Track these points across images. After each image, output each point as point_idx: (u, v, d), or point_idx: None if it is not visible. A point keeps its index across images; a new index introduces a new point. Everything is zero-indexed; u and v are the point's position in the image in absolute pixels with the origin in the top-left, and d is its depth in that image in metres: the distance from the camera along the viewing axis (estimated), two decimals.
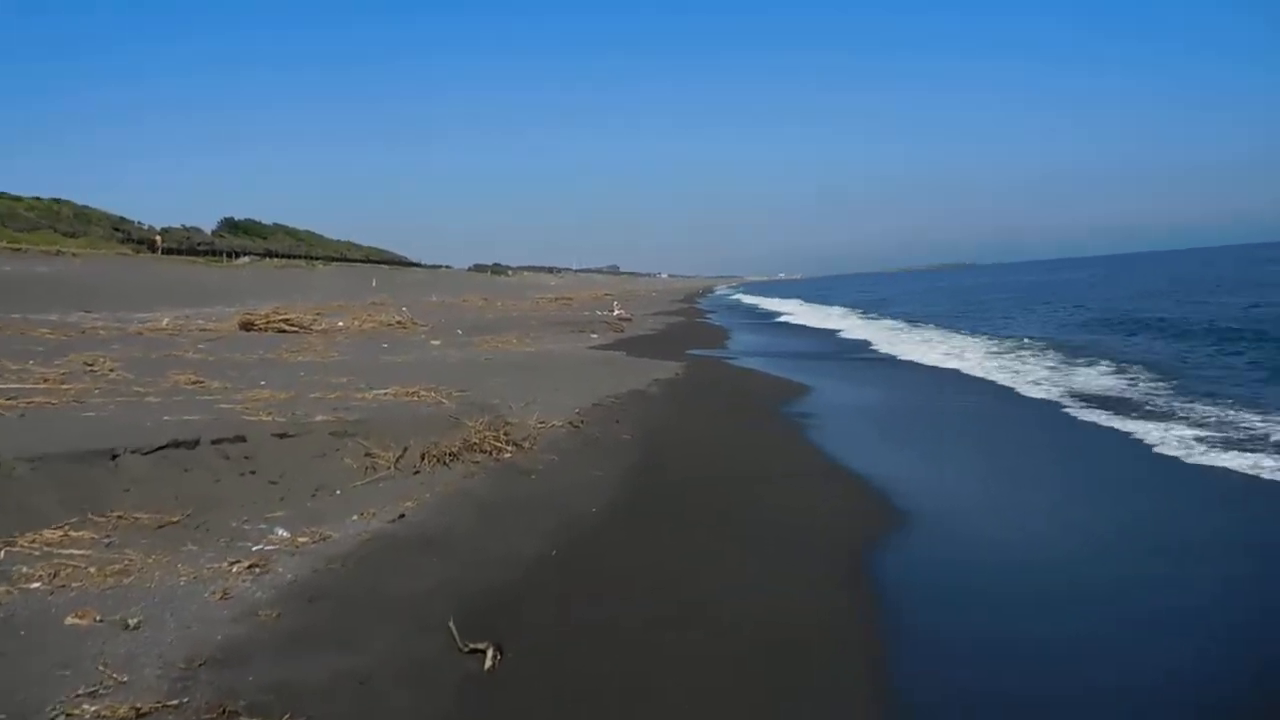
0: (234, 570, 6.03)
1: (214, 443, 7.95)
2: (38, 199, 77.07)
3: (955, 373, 19.30)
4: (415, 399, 10.82)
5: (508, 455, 9.24)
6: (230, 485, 7.60)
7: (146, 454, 7.50)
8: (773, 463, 10.18)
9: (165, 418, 8.56)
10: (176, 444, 7.72)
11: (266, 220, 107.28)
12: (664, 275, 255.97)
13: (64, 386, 10.90)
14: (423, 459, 8.72)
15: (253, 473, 7.83)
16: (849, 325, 38.33)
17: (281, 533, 6.81)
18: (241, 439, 8.13)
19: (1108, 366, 18.28)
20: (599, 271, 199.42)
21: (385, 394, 11.17)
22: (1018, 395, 15.48)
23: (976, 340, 27.12)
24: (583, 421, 11.10)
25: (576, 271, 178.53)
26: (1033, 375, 17.88)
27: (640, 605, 5.88)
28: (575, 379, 15.08)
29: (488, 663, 4.79)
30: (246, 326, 25.06)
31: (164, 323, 27.00)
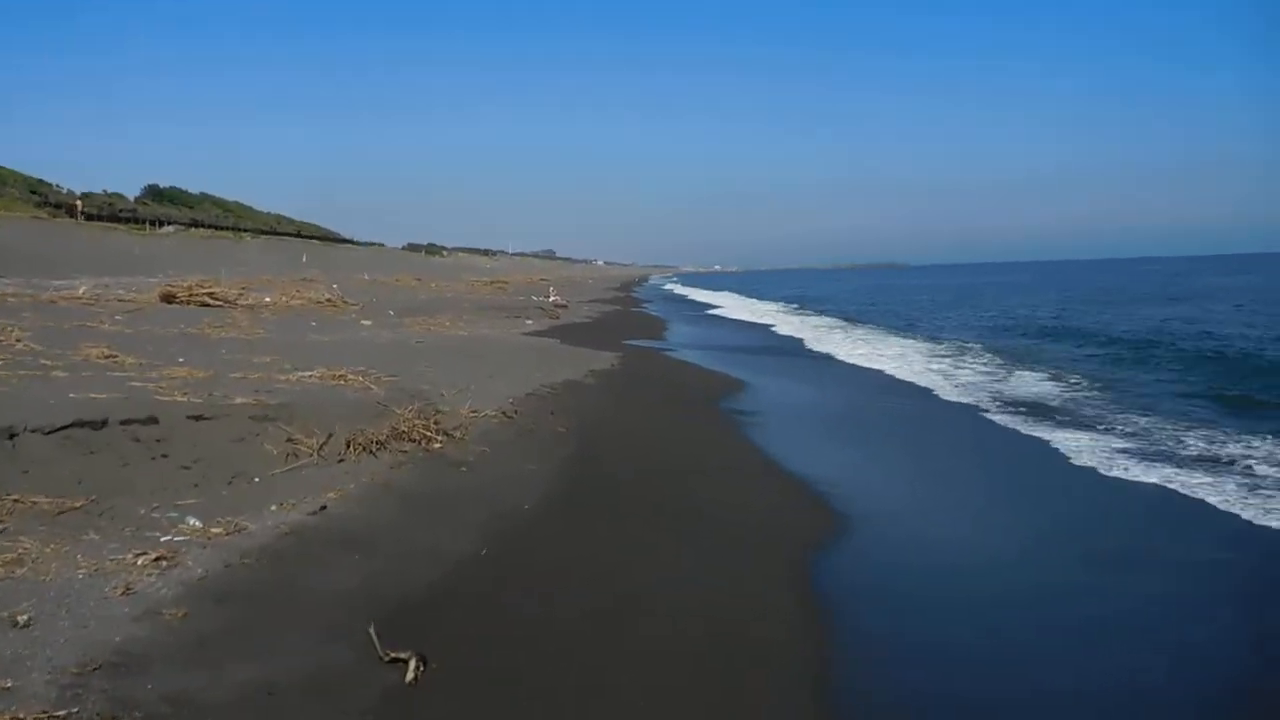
0: (139, 563, 5.63)
1: (123, 423, 7.48)
2: None
3: (888, 374, 19.39)
4: (342, 383, 10.41)
5: (438, 445, 8.91)
6: (140, 470, 7.15)
7: (48, 434, 7.03)
8: (709, 457, 10.08)
9: (72, 395, 8.05)
10: (82, 424, 7.25)
11: (193, 189, 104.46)
12: (600, 262, 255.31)
13: None
14: (348, 447, 8.35)
15: (165, 456, 7.40)
16: (784, 321, 38.53)
17: (193, 522, 6.41)
18: (154, 420, 7.67)
19: (1039, 373, 18.52)
20: (535, 256, 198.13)
21: (311, 376, 10.74)
22: (947, 400, 15.56)
23: (909, 341, 27.41)
24: (516, 411, 10.80)
25: (512, 255, 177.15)
26: (963, 379, 18.04)
27: (575, 603, 5.66)
28: (509, 366, 14.75)
29: (409, 674, 4.50)
30: (168, 299, 24.15)
31: (80, 291, 25.89)
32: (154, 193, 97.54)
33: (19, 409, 7.42)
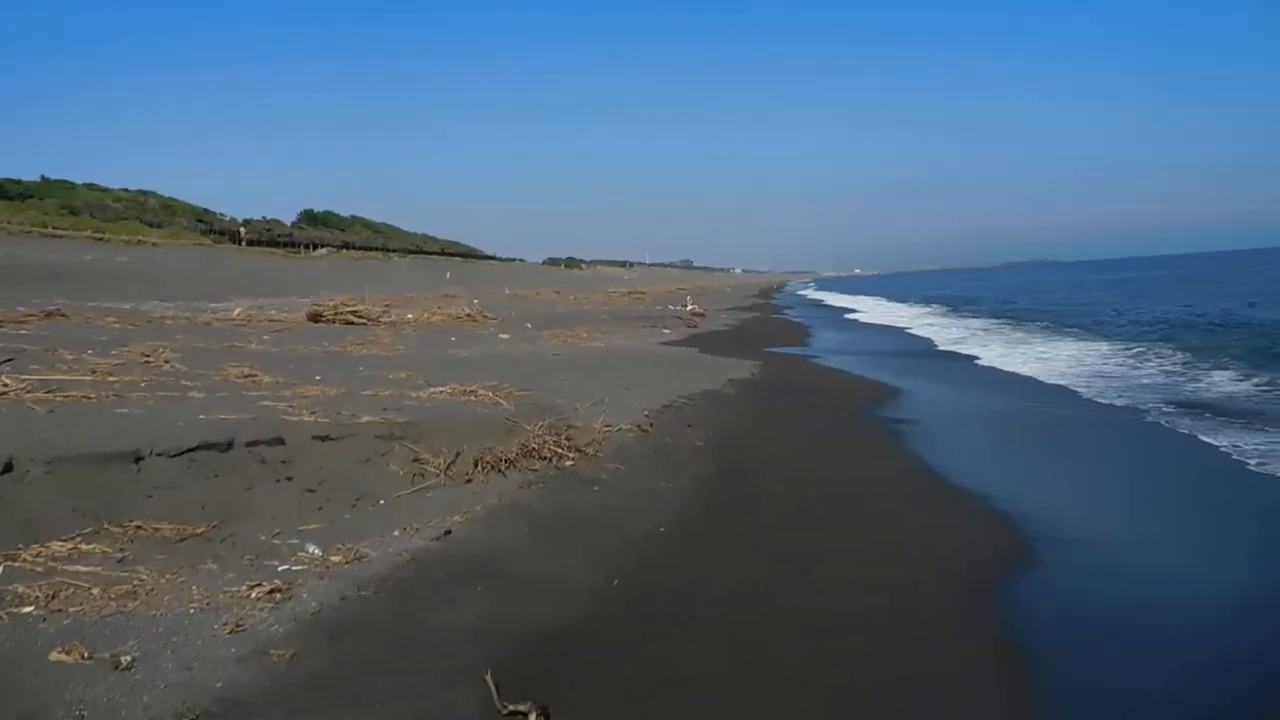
0: (253, 595, 5.31)
1: (249, 445, 7.28)
2: (125, 190, 79.08)
3: (1054, 380, 17.97)
4: (473, 398, 10.07)
5: (569, 463, 8.44)
6: (263, 493, 6.91)
7: (174, 456, 6.86)
8: (863, 471, 9.24)
9: (202, 416, 7.93)
10: (208, 446, 7.07)
11: (345, 213, 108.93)
12: (737, 270, 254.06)
13: (110, 379, 10.40)
14: (476, 466, 7.96)
15: (289, 479, 7.14)
16: (935, 324, 36.81)
17: (313, 550, 6.09)
18: (279, 441, 7.45)
19: (1230, 372, 16.86)
20: (672, 266, 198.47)
21: (442, 392, 10.46)
22: (1127, 405, 14.21)
23: (1076, 342, 25.57)
24: (652, 425, 10.26)
25: (650, 266, 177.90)
26: (1144, 379, 16.57)
27: (713, 646, 5.03)
28: (645, 377, 14.25)
29: None
30: (315, 318, 24.73)
31: (235, 313, 26.88)
32: (309, 217, 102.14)
33: (149, 431, 7.30)
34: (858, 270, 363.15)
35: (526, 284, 67.55)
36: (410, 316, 28.68)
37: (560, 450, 8.55)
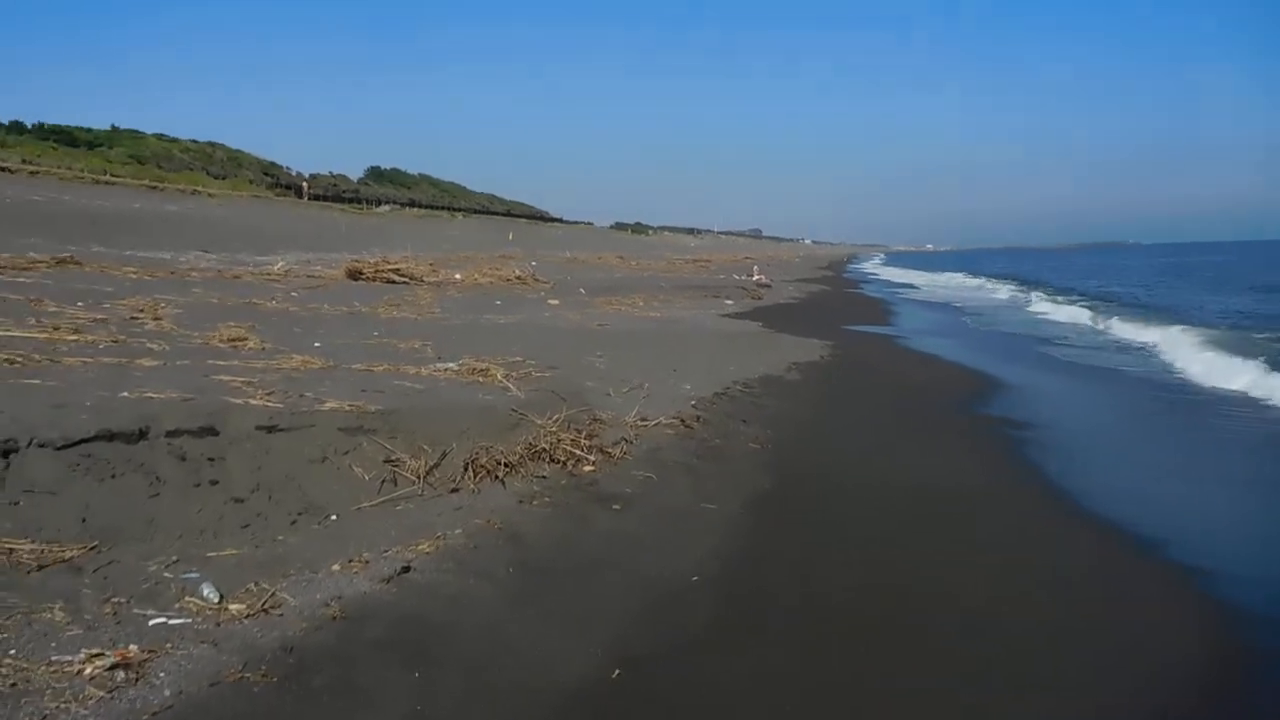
0: (86, 672, 3.65)
1: (169, 435, 5.61)
2: (194, 141, 78.92)
3: (1189, 376, 15.56)
4: (481, 379, 8.33)
5: (588, 468, 6.69)
6: (173, 502, 5.25)
7: (61, 449, 5.22)
8: (974, 498, 7.11)
9: (125, 394, 6.29)
10: (110, 435, 5.42)
11: (412, 170, 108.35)
12: (807, 241, 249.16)
13: (71, 337, 8.88)
14: (466, 471, 6.25)
15: (213, 483, 5.47)
16: (1031, 305, 33.81)
17: (208, 593, 4.41)
18: (211, 431, 5.78)
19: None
20: (740, 235, 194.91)
21: (449, 369, 8.74)
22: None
23: (1191, 329, 22.81)
24: (699, 419, 8.45)
25: (718, 234, 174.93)
26: None
27: None
28: (699, 356, 12.43)
29: None
30: (354, 275, 23.27)
31: (275, 267, 25.60)
32: (375, 174, 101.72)
33: (42, 412, 5.67)
34: (929, 245, 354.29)
35: (590, 248, 65.87)
36: (458, 277, 27.14)
37: (578, 451, 6.80)
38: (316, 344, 10.34)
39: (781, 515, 6.25)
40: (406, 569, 4.86)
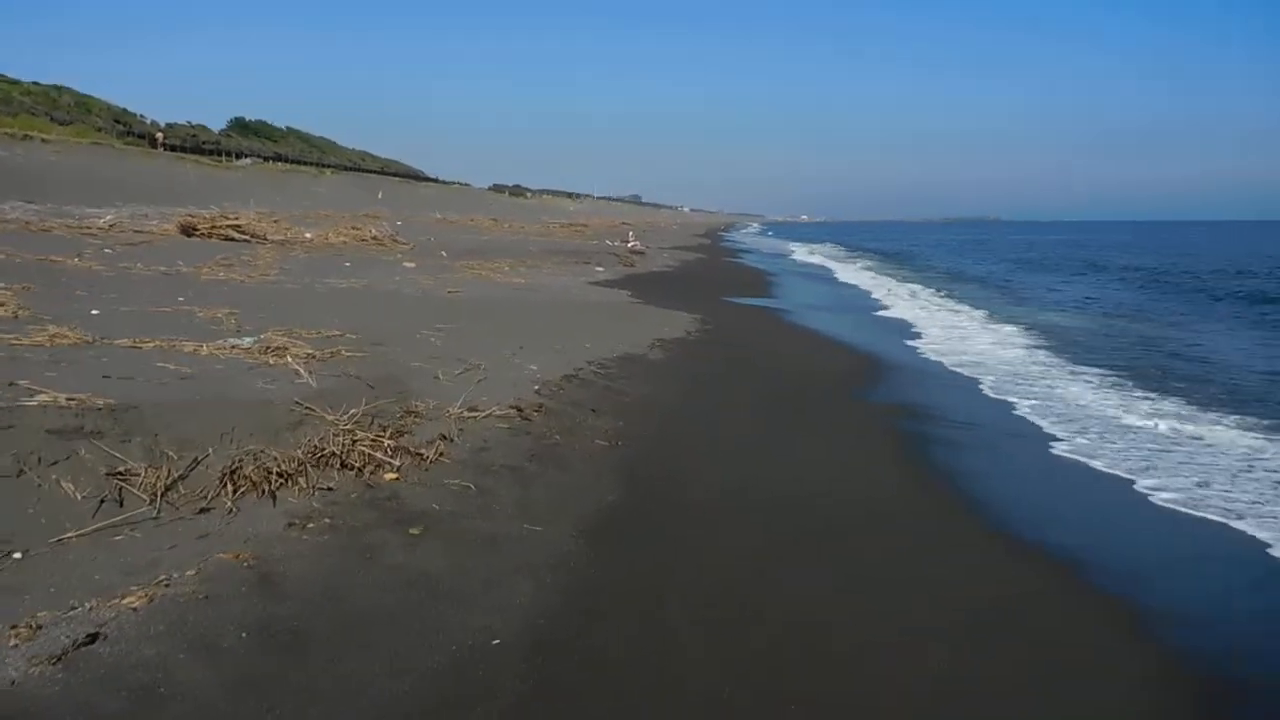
0: None
1: None
2: (36, 84, 72.96)
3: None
4: (274, 360, 6.88)
5: (390, 477, 5.40)
6: None
7: None
8: (858, 509, 6.07)
9: None
10: None
11: (280, 123, 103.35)
12: (686, 209, 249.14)
13: None
14: (223, 483, 4.87)
15: None
16: (906, 291, 33.11)
17: None
18: None
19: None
20: (620, 200, 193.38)
21: (237, 347, 7.27)
22: None
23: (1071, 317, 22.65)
24: (540, 408, 7.23)
25: (597, 199, 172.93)
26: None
27: None
28: (554, 330, 11.20)
29: None
30: (187, 231, 21.17)
31: (103, 220, 23.21)
32: (240, 126, 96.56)
33: None
34: (804, 216, 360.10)
35: (463, 209, 63.73)
36: (309, 236, 25.19)
37: (378, 454, 5.50)
38: (95, 311, 8.73)
39: (625, 540, 5.06)
40: (92, 637, 3.51)
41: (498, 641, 3.81)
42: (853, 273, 35.69)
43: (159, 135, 71.69)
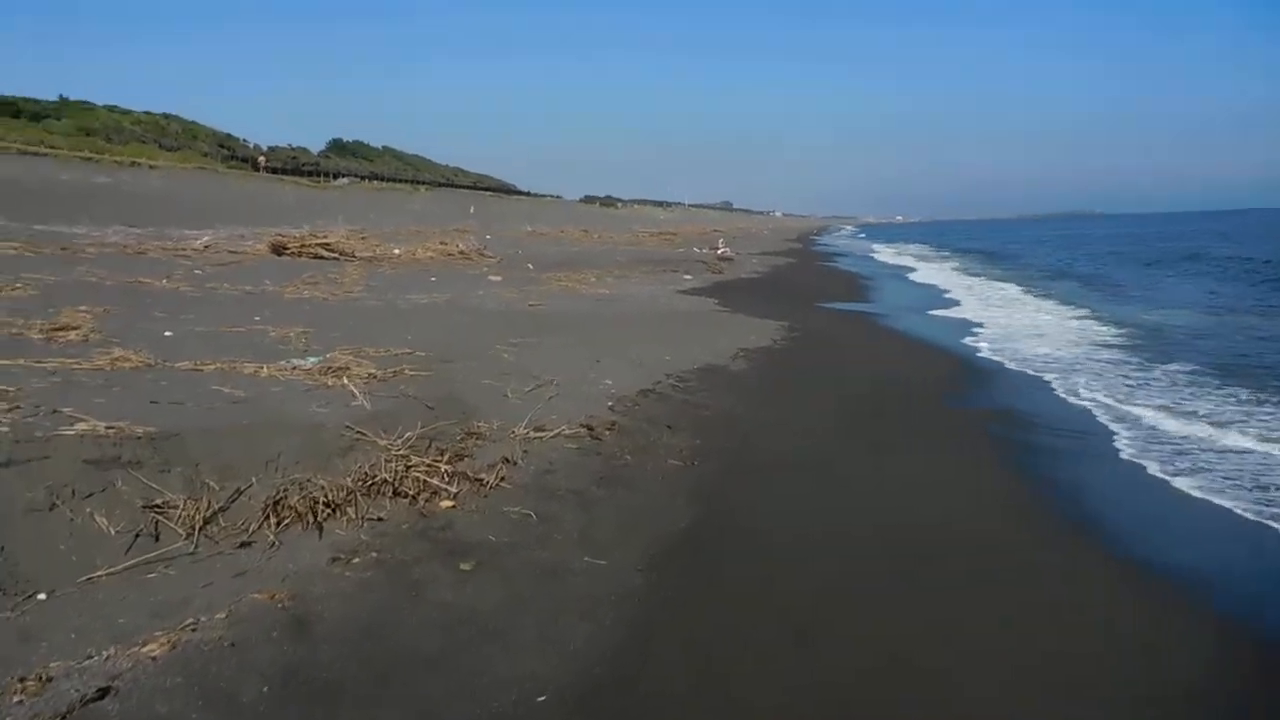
0: None
1: None
2: (148, 113, 75.99)
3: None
4: (331, 383, 6.60)
5: (445, 504, 5.06)
6: None
7: None
8: (973, 541, 5.32)
9: None
10: None
11: (376, 144, 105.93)
12: (778, 213, 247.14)
13: None
14: (266, 514, 4.59)
15: None
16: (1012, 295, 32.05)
17: None
18: None
19: None
20: (711, 207, 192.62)
21: (298, 368, 7.05)
22: None
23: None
24: (612, 425, 6.83)
25: (688, 206, 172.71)
26: None
27: None
28: (636, 341, 10.80)
29: None
30: (278, 250, 21.42)
31: (199, 242, 23.71)
32: (337, 147, 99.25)
33: None
34: (899, 217, 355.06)
35: (554, 221, 63.99)
36: (397, 252, 25.35)
37: (433, 481, 5.16)
38: (168, 333, 8.64)
39: (693, 574, 4.61)
40: (103, 692, 3.22)
41: (543, 698, 3.39)
42: (936, 273, 34.59)
43: (261, 159, 74.03)
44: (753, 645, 3.94)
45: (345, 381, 6.42)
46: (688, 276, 23.96)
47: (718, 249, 35.38)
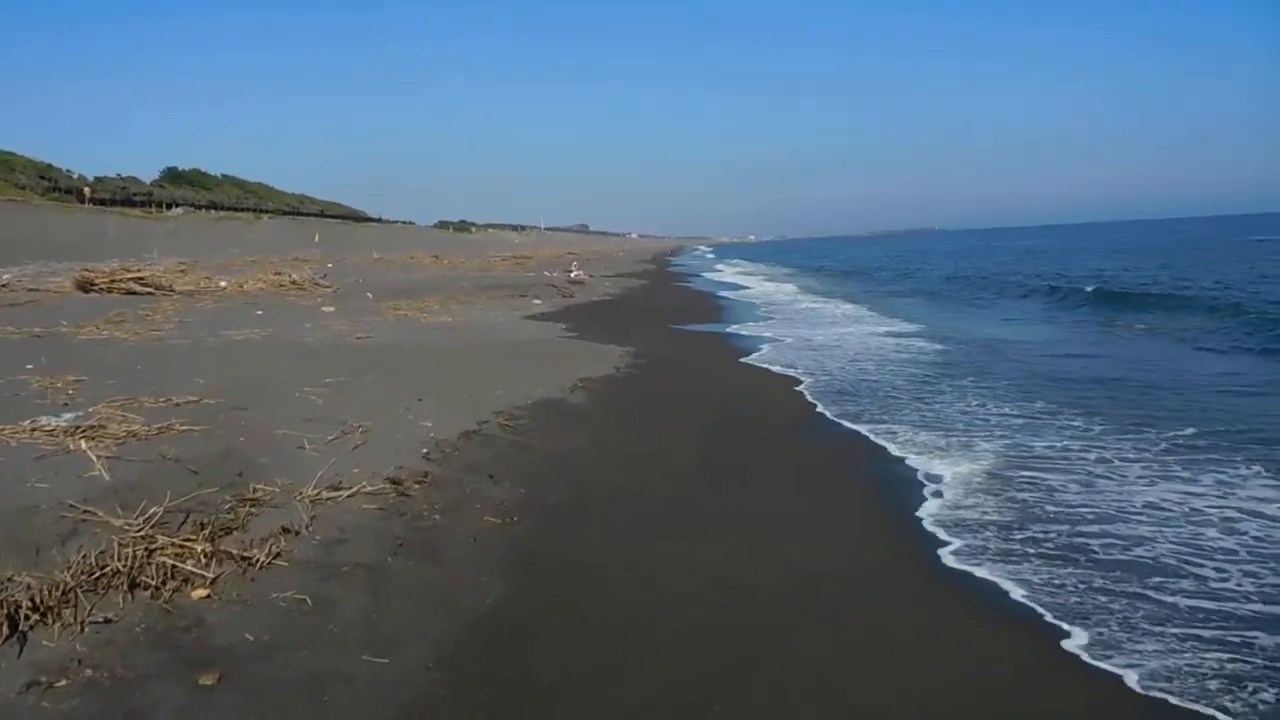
0: None
1: None
2: None
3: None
4: (73, 447, 5.53)
5: (199, 594, 4.12)
6: None
7: None
8: (825, 600, 4.73)
9: None
10: None
11: (214, 171, 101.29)
12: (633, 235, 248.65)
13: None
14: None
15: None
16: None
17: None
18: None
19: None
20: (567, 230, 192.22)
21: (39, 429, 5.94)
22: None
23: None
24: (425, 477, 5.98)
25: (544, 230, 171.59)
26: None
27: None
28: (464, 375, 9.96)
29: None
30: (85, 287, 19.64)
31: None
32: (172, 176, 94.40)
33: None
34: (751, 236, 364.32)
35: (403, 248, 62.19)
36: (224, 284, 23.72)
37: (185, 565, 4.22)
38: None
39: (499, 670, 3.82)
40: None
41: None
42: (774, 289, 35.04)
43: (87, 190, 69.63)
44: None
45: (84, 445, 5.38)
46: (537, 301, 23.19)
47: (570, 272, 34.75)
